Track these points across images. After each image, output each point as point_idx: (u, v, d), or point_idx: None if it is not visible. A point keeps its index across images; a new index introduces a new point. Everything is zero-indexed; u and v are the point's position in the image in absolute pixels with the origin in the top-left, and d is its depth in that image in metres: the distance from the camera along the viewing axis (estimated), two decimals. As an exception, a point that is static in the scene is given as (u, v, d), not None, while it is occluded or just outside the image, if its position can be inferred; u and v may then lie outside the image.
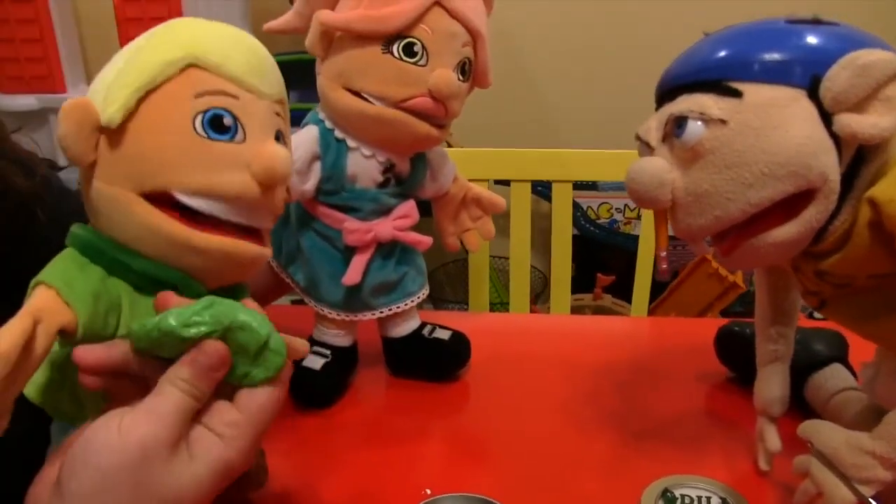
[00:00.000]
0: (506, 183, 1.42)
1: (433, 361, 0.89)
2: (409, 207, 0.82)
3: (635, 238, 1.39)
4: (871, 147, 0.54)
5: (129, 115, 0.52)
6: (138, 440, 0.45)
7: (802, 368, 0.78)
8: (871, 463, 0.57)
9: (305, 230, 0.82)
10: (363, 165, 0.78)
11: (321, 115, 0.79)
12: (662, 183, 0.57)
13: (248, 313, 0.50)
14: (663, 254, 0.64)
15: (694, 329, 0.99)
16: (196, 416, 0.49)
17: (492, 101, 2.02)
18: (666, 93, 0.60)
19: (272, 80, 0.59)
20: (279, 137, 0.58)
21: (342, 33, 0.74)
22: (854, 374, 0.78)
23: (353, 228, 0.79)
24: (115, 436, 0.45)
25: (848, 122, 0.52)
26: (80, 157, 0.52)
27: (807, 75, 0.54)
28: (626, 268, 1.43)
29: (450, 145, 2.20)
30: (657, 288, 2.13)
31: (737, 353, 0.87)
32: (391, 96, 0.73)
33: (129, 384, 0.51)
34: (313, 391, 0.83)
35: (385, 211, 0.81)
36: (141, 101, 0.52)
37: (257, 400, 0.50)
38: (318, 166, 0.79)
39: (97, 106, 0.52)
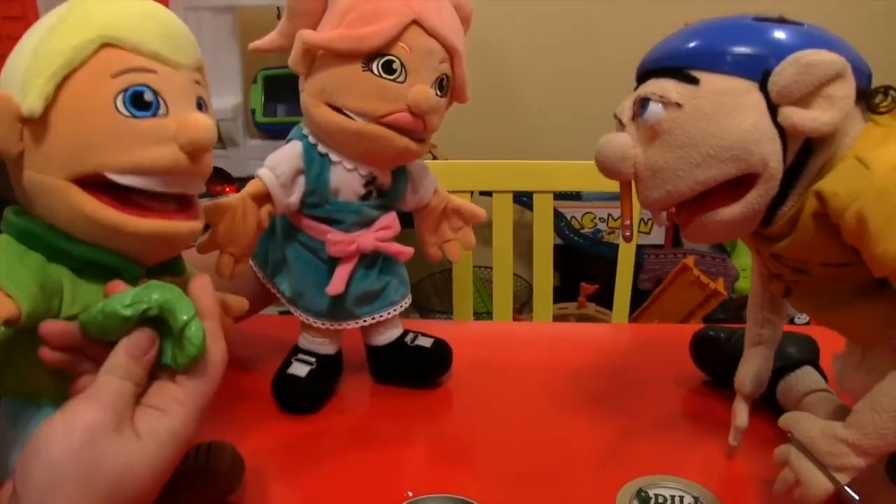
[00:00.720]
0: (488, 194, 1.45)
1: (416, 368, 0.91)
2: (390, 219, 0.84)
3: (618, 247, 1.42)
4: (818, 141, 0.58)
5: (50, 102, 0.52)
6: (82, 425, 0.47)
7: (775, 371, 0.80)
8: (845, 451, 0.60)
9: (291, 242, 0.84)
10: (345, 179, 0.80)
11: (305, 131, 0.81)
12: (625, 157, 0.62)
13: (175, 297, 0.52)
14: (627, 222, 0.68)
15: (672, 335, 1.01)
16: (138, 400, 0.51)
17: (476, 114, 2.05)
18: (641, 75, 0.65)
19: (187, 50, 0.59)
20: (201, 106, 0.59)
21: (324, 52, 0.76)
22: (825, 376, 0.80)
23: (335, 240, 0.81)
24: (60, 425, 0.47)
25: (790, 114, 0.56)
26: (5, 150, 0.53)
27: (759, 69, 0.58)
28: (609, 277, 1.45)
29: (434, 157, 2.23)
30: (640, 296, 2.16)
31: (711, 357, 0.90)
32: (371, 112, 0.76)
33: (90, 367, 0.53)
34: (298, 398, 0.85)
35: (367, 222, 0.83)
36: (59, 86, 0.53)
37: (192, 374, 0.53)
38: (301, 180, 0.81)
39: (16, 96, 0.52)
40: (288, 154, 0.81)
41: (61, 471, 0.46)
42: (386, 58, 0.75)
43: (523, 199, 1.79)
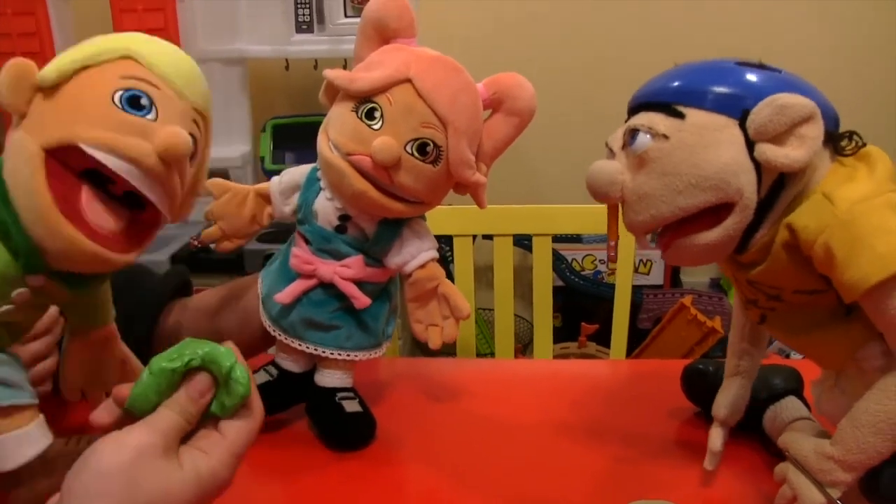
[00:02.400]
0: (490, 237, 1.49)
1: (329, 426, 0.90)
2: (355, 261, 0.85)
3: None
4: (790, 175, 0.64)
5: (64, 80, 0.59)
6: (134, 444, 0.53)
7: (762, 401, 0.85)
8: (833, 467, 0.65)
9: (287, 248, 0.90)
10: (324, 206, 0.85)
11: None
12: (613, 182, 0.68)
13: (214, 348, 0.57)
14: (612, 243, 0.74)
15: (666, 369, 1.03)
16: (188, 442, 0.57)
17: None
18: (632, 108, 0.71)
19: (196, 89, 0.65)
20: (192, 138, 0.64)
21: (337, 89, 0.82)
22: (808, 406, 0.84)
23: (297, 254, 0.86)
24: (113, 441, 0.53)
25: (765, 150, 0.62)
26: (13, 107, 0.59)
27: (739, 108, 0.64)
28: (609, 317, 1.49)
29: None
30: (639, 335, 2.19)
31: (700, 389, 0.93)
32: (342, 147, 0.80)
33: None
34: None
35: (336, 255, 0.85)
36: (77, 72, 0.59)
37: (235, 424, 0.58)
38: (297, 195, 0.88)
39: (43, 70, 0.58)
40: (298, 170, 0.89)
41: (107, 482, 0.51)
42: (371, 105, 0.79)
43: (525, 243, 1.83)
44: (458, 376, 0.97)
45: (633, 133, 0.67)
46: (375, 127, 0.78)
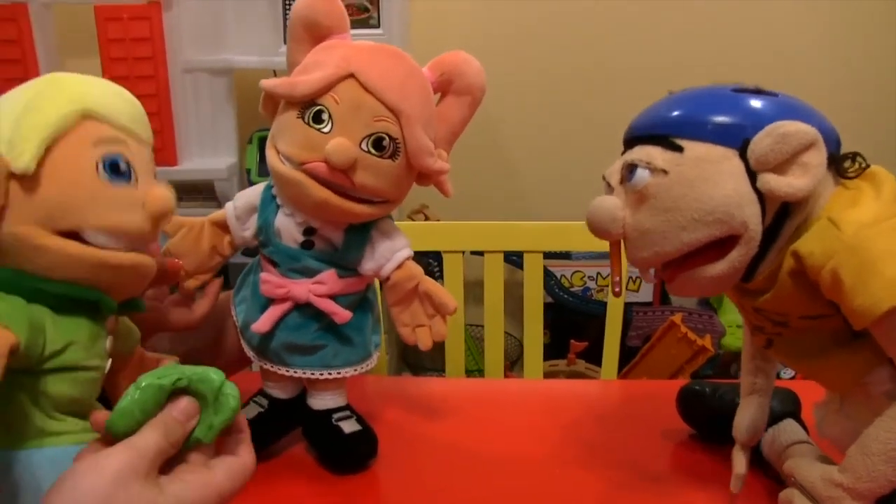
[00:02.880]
0: (480, 253, 1.47)
1: (329, 450, 0.88)
2: (328, 276, 0.82)
3: (607, 305, 1.45)
4: (794, 203, 0.63)
5: (39, 163, 0.58)
6: (114, 468, 0.50)
7: (758, 424, 0.83)
8: (842, 495, 0.64)
9: (254, 276, 0.87)
10: (285, 223, 0.82)
11: None
12: (614, 219, 0.67)
13: (202, 369, 0.57)
14: (617, 279, 0.72)
15: (659, 390, 1.03)
16: (173, 473, 0.54)
17: (468, 175, 2.08)
18: (628, 141, 0.70)
19: (146, 128, 0.67)
20: (155, 176, 0.66)
21: (278, 98, 0.80)
22: (806, 428, 0.83)
23: (266, 279, 0.83)
24: (93, 464, 0.51)
25: (768, 180, 0.61)
26: None
27: (739, 138, 0.63)
28: (598, 334, 1.48)
29: (426, 218, 2.26)
30: (628, 353, 2.18)
31: (696, 411, 0.92)
32: (294, 158, 0.76)
33: None
34: None
35: (307, 272, 0.82)
36: (47, 150, 0.58)
37: (226, 463, 0.57)
38: (255, 217, 0.85)
39: (5, 156, 0.57)
40: (251, 192, 0.86)
41: None
42: (317, 108, 0.76)
43: (514, 259, 1.82)
44: (448, 396, 0.95)
45: (630, 168, 0.66)
46: (325, 130, 0.76)
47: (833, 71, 2.38)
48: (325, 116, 0.75)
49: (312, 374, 0.85)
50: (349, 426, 0.87)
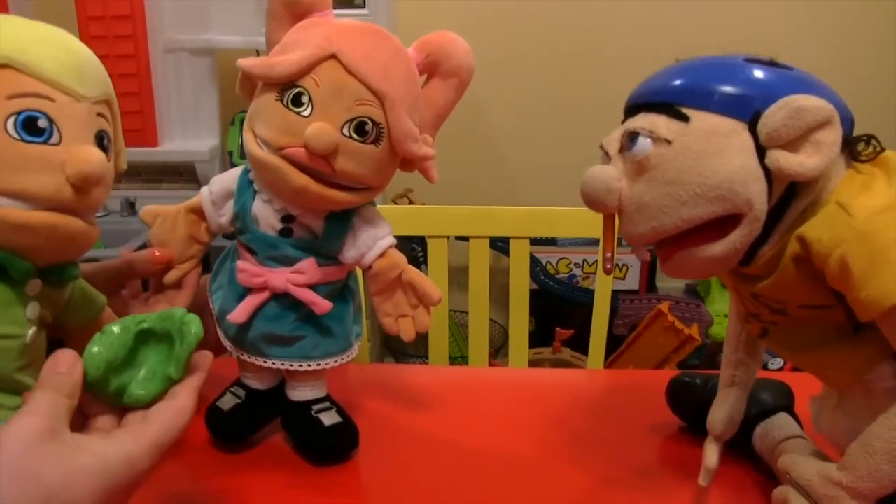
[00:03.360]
0: (465, 239, 1.45)
1: (309, 442, 0.85)
2: (307, 264, 0.78)
3: (593, 293, 1.43)
4: (802, 184, 0.59)
5: None
6: (16, 430, 0.48)
7: (751, 417, 0.81)
8: (840, 494, 0.61)
9: (231, 263, 0.83)
10: (262, 210, 0.78)
11: None
12: (610, 189, 0.63)
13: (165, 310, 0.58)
14: (608, 254, 0.69)
15: (648, 381, 1.01)
16: (97, 427, 0.54)
17: (453, 159, 2.06)
18: (630, 108, 0.66)
19: (94, 82, 0.60)
20: (103, 139, 0.60)
21: (254, 79, 0.76)
22: (800, 422, 0.81)
23: (243, 268, 0.79)
24: None
25: (777, 157, 0.57)
26: None
27: (749, 110, 0.59)
28: (584, 322, 1.46)
29: (410, 202, 2.24)
30: (615, 341, 2.17)
31: (687, 403, 0.90)
32: (273, 142, 0.73)
33: None
34: (219, 430, 0.84)
35: (285, 260, 0.79)
36: None
37: (162, 413, 0.55)
38: (231, 203, 0.81)
39: None
40: (227, 176, 0.82)
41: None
42: (296, 90, 0.72)
43: (499, 245, 1.80)
44: (431, 384, 0.93)
45: (632, 136, 0.62)
46: (305, 114, 0.72)
47: (833, 71, 2.36)
48: (304, 99, 0.72)
49: (291, 365, 0.82)
50: (329, 418, 0.84)
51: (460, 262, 1.60)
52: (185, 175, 2.24)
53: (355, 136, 0.72)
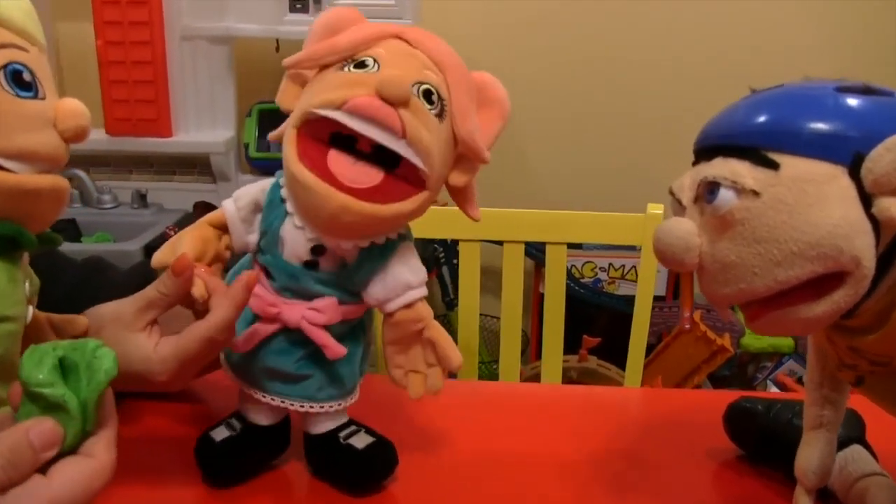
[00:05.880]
0: (499, 243, 1.41)
1: (346, 470, 0.78)
2: (327, 304, 0.72)
3: (619, 298, 1.37)
4: None
5: None
6: None
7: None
8: None
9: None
10: (292, 235, 0.71)
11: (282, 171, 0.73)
12: (689, 247, 0.55)
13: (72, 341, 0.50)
14: (687, 314, 0.61)
15: (695, 402, 0.95)
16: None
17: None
18: (702, 150, 0.57)
19: (41, 30, 0.57)
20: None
21: (308, 70, 0.71)
22: (874, 454, 0.75)
23: (258, 293, 0.72)
24: None
25: (888, 206, 0.49)
26: None
27: (849, 152, 0.50)
28: (610, 327, 1.40)
29: (436, 202, 2.18)
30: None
31: (748, 430, 0.84)
32: (332, 102, 0.65)
33: None
34: (208, 465, 0.76)
35: (305, 294, 0.72)
36: None
37: (68, 468, 0.48)
38: (259, 218, 0.74)
39: None
40: (255, 188, 0.74)
41: None
42: (360, 59, 0.68)
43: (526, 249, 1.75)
44: (458, 401, 0.85)
45: (710, 187, 0.54)
46: (373, 71, 0.67)
47: (832, 70, 2.34)
48: (369, 63, 0.67)
49: (292, 405, 0.75)
50: (360, 441, 0.77)
51: (487, 263, 1.55)
52: (198, 167, 2.21)
53: (426, 104, 0.68)
